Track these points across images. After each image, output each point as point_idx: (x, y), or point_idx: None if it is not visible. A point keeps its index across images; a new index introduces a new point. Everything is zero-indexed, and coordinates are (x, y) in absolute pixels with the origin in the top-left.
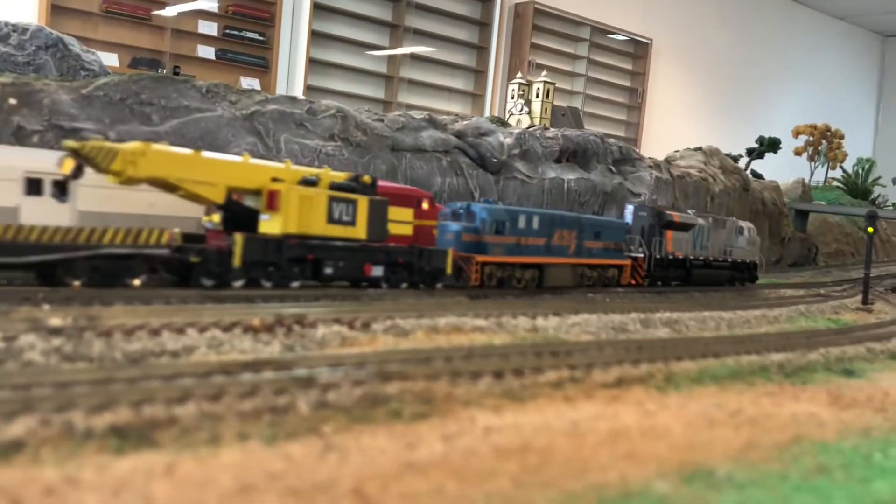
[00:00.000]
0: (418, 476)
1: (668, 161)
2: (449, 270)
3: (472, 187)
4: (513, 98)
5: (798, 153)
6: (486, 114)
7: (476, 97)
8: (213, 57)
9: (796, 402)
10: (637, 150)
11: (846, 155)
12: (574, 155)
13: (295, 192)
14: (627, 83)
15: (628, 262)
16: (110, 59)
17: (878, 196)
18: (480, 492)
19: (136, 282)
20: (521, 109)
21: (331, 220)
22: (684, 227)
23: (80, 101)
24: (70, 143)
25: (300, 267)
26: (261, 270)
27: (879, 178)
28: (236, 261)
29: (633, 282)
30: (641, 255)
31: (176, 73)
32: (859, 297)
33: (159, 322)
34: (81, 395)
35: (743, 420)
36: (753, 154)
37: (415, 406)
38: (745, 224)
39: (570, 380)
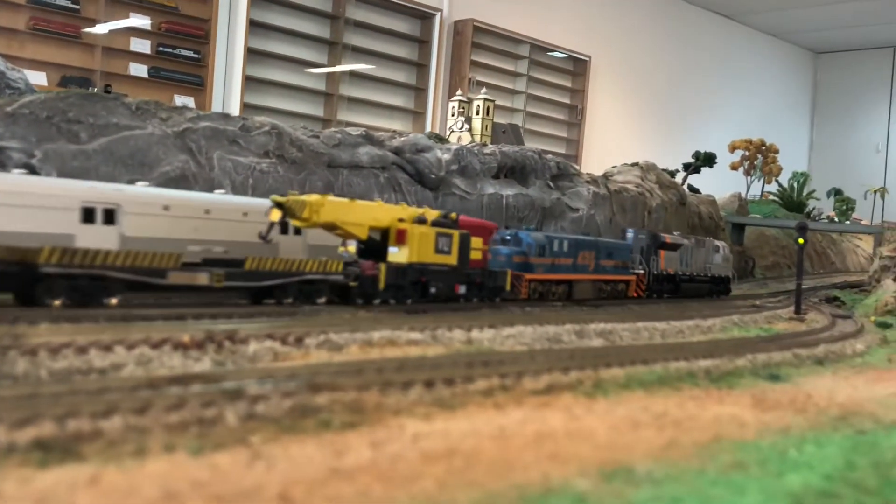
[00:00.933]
0: (345, 481)
1: (606, 176)
2: (508, 287)
3: (410, 203)
4: (453, 115)
5: (734, 168)
6: (428, 131)
7: (417, 115)
8: (145, 75)
9: (720, 405)
10: (575, 166)
11: (781, 169)
12: (512, 171)
13: (416, 230)
14: (567, 100)
15: (633, 277)
16: (38, 78)
17: (814, 209)
18: (405, 493)
19: (322, 299)
20: (462, 127)
21: (436, 250)
22: (674, 247)
23: (4, 119)
24: (276, 197)
25: (415, 288)
26: (394, 291)
27: (814, 191)
28: (381, 284)
29: (637, 294)
30: (642, 272)
31: (108, 92)
32: (793, 308)
33: (86, 340)
34: (3, 411)
35: (666, 422)
36: (690, 169)
37: (345, 416)
38: (720, 243)
39: (500, 388)
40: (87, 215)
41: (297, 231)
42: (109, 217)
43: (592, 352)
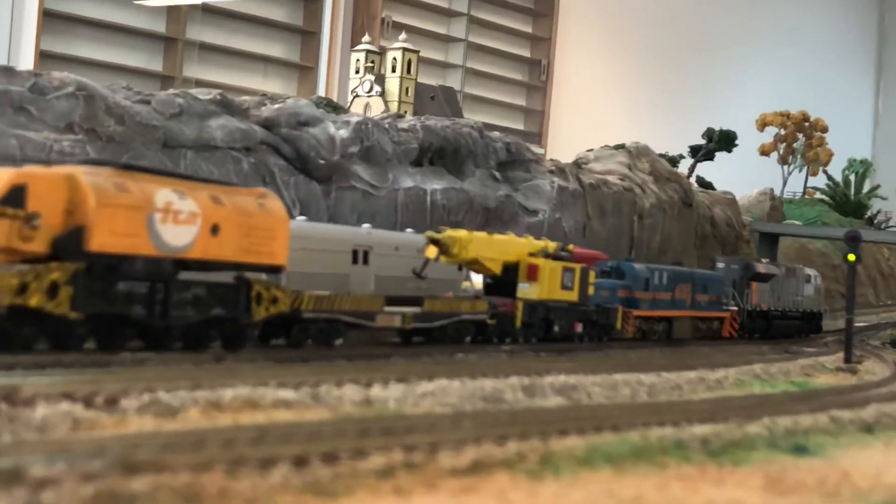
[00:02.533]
0: None
1: (579, 164)
2: (619, 326)
3: (288, 201)
4: (358, 73)
5: (764, 152)
6: (318, 95)
7: (304, 71)
8: None
9: (718, 486)
10: (535, 149)
11: (832, 155)
12: (441, 155)
13: (548, 265)
14: (526, 52)
15: (728, 314)
16: None
17: (879, 212)
18: None
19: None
20: (371, 89)
21: (562, 286)
22: (767, 278)
23: None
24: (431, 233)
25: (542, 326)
26: (526, 329)
27: (878, 186)
28: (518, 322)
29: (730, 334)
30: (735, 308)
31: None
32: (842, 354)
33: None
34: None
35: None
36: (700, 154)
37: None
38: (811, 272)
39: (404, 466)
40: (356, 257)
41: (366, 261)
42: (366, 258)
43: (543, 415)
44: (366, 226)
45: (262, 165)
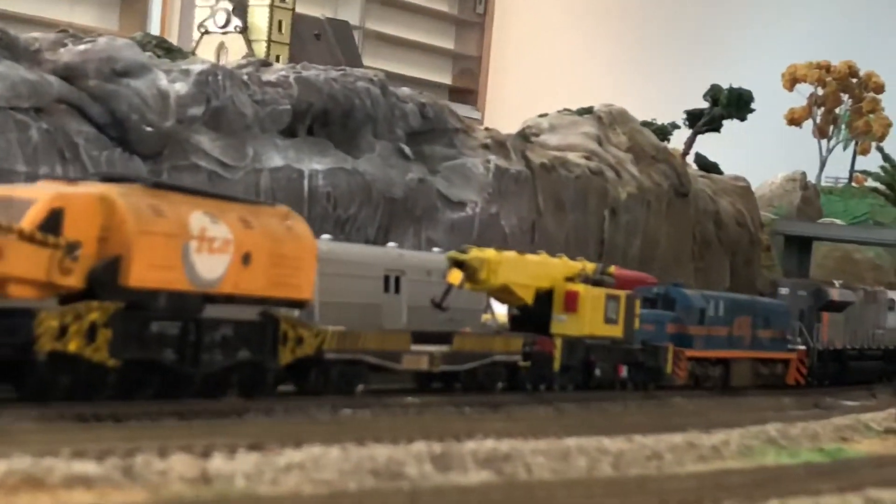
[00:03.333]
0: None
1: (526, 136)
2: (669, 370)
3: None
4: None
5: (795, 121)
6: (145, 32)
7: None
8: None
9: None
10: (458, 114)
11: (889, 125)
12: (325, 121)
13: (590, 293)
14: None
15: (794, 355)
16: None
17: None
18: None
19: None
20: (227, 23)
21: (606, 320)
22: (841, 307)
23: None
24: (454, 254)
25: (579, 369)
26: (566, 374)
27: None
28: (556, 364)
29: (797, 380)
30: (803, 348)
31: None
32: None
33: None
34: None
35: None
36: (701, 123)
37: None
38: (887, 293)
39: None
40: (387, 284)
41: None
42: (398, 285)
43: (456, 497)
44: (391, 244)
45: (59, 134)
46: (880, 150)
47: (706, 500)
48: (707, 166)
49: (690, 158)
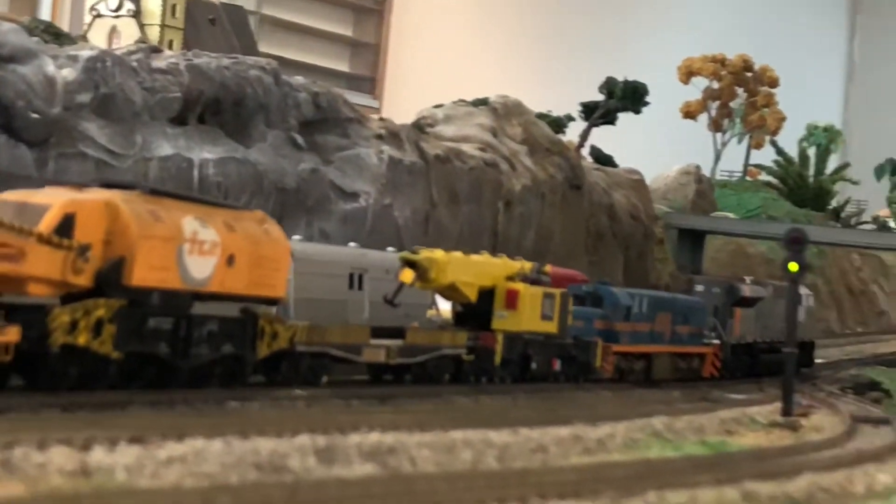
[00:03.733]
0: None
1: (421, 127)
2: (598, 363)
3: None
4: None
5: (690, 114)
6: (44, 13)
7: None
8: None
9: None
10: (358, 105)
11: (783, 119)
12: (217, 109)
13: (528, 291)
14: None
15: (710, 350)
16: None
17: (847, 202)
18: None
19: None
20: (119, 6)
21: (542, 316)
22: (752, 302)
23: None
24: (407, 254)
25: (517, 363)
26: (506, 367)
27: (847, 165)
28: (497, 357)
29: (711, 374)
30: (717, 342)
31: None
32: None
33: None
34: None
35: None
36: (596, 115)
37: None
38: (802, 290)
39: None
40: (352, 281)
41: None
42: (361, 283)
43: (337, 490)
44: (352, 244)
45: None
46: (774, 144)
47: (585, 492)
48: (602, 159)
49: (585, 151)
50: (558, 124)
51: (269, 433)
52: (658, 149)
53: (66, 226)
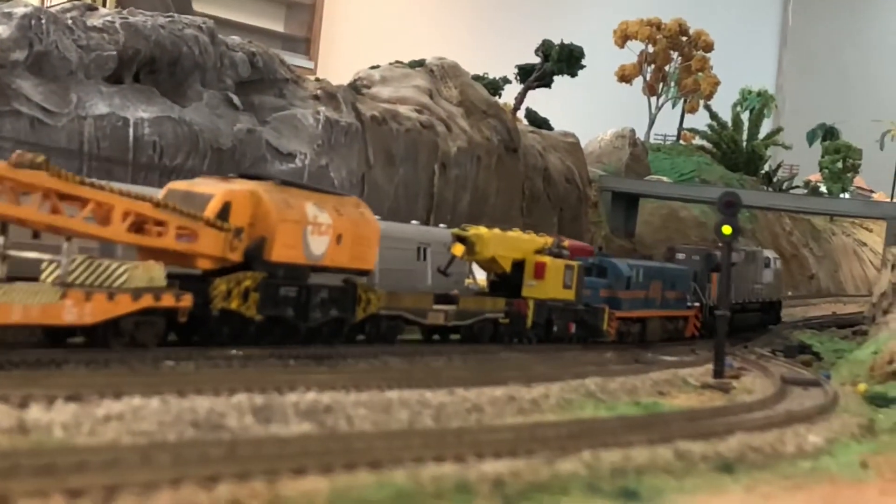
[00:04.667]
0: None
1: (357, 88)
2: (605, 327)
3: None
4: None
5: (625, 78)
6: None
7: None
8: None
9: None
10: (288, 63)
11: (717, 83)
12: (152, 68)
13: (554, 264)
14: None
15: (691, 312)
16: None
17: (779, 166)
18: None
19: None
20: None
21: (564, 286)
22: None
23: None
24: (457, 230)
25: (542, 326)
26: (535, 330)
27: (781, 129)
28: (529, 321)
29: (693, 334)
30: (697, 305)
31: None
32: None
33: None
34: None
35: None
36: (532, 78)
37: None
38: (770, 254)
39: None
40: (419, 253)
41: (425, 257)
42: (425, 254)
43: (274, 447)
44: (414, 222)
45: None
46: (708, 108)
47: (520, 451)
48: (537, 122)
49: (521, 114)
50: (494, 87)
51: (207, 392)
52: (593, 112)
53: (224, 212)
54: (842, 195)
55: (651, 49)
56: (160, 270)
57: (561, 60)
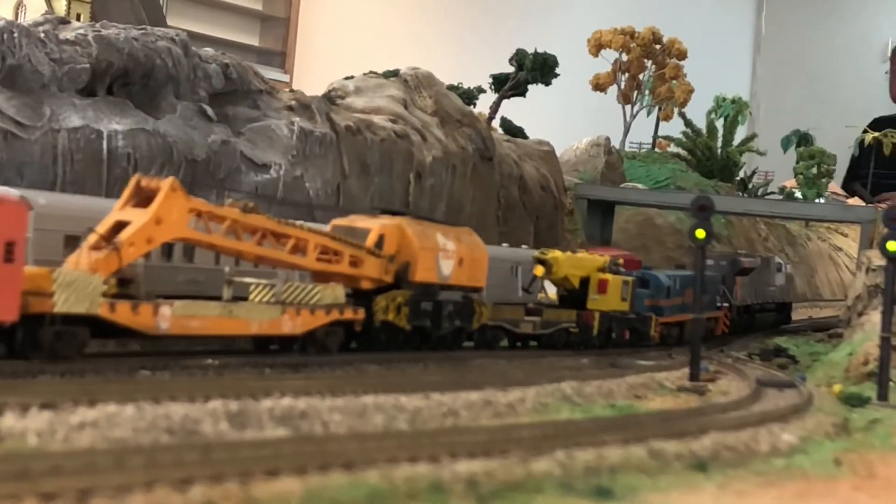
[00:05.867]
0: None
1: (331, 99)
2: (652, 332)
3: None
4: None
5: (599, 86)
6: None
7: None
8: None
9: None
10: (262, 75)
11: (691, 91)
12: (126, 81)
13: (614, 280)
14: None
15: (721, 312)
16: None
17: (754, 172)
18: None
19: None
20: None
21: (621, 298)
22: (748, 272)
23: None
24: (538, 254)
25: (604, 334)
26: (600, 338)
27: (755, 136)
28: (595, 330)
29: (723, 332)
30: (726, 306)
31: None
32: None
33: None
34: None
35: None
36: (507, 87)
37: None
38: (780, 260)
39: None
40: (512, 271)
41: (516, 274)
42: (517, 272)
43: (248, 450)
44: (504, 245)
45: None
46: (682, 116)
47: (494, 451)
48: (512, 131)
49: (496, 123)
50: (469, 96)
51: (182, 398)
52: (568, 121)
53: (379, 242)
54: (817, 200)
55: (625, 57)
56: (342, 290)
57: (535, 69)
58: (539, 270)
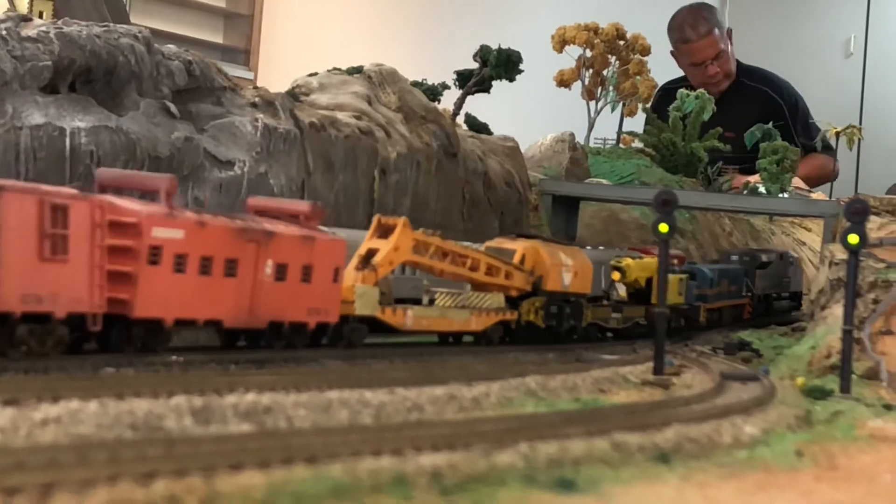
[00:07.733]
0: None
1: (295, 95)
2: (702, 318)
3: None
4: None
5: (564, 83)
6: None
7: None
8: None
9: None
10: (225, 72)
11: (655, 87)
12: (88, 77)
13: (674, 278)
14: None
15: (746, 300)
16: None
17: (718, 167)
18: None
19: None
20: None
21: (678, 293)
22: (766, 265)
23: None
24: (615, 261)
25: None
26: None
27: (718, 131)
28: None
29: (747, 316)
30: (749, 294)
31: None
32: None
33: None
34: None
35: None
36: (471, 83)
37: None
38: (792, 254)
39: None
40: (599, 272)
41: (601, 274)
42: (602, 272)
43: (211, 444)
44: (588, 247)
45: None
46: (646, 111)
47: (457, 444)
48: (477, 127)
49: (461, 119)
50: (433, 92)
51: (145, 395)
52: (533, 117)
53: (522, 260)
54: (781, 195)
55: (589, 54)
56: (502, 297)
57: (499, 65)
58: (616, 276)
